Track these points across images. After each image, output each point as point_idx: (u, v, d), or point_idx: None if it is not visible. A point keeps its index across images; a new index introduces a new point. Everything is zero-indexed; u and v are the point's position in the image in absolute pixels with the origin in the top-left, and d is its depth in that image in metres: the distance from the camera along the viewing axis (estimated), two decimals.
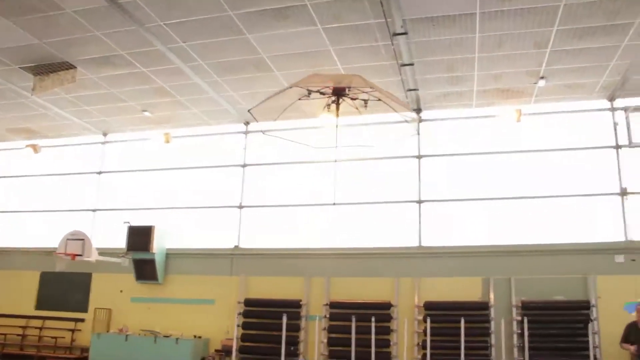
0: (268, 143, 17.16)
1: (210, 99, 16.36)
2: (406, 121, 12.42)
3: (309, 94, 10.08)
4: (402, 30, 12.29)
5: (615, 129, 15.53)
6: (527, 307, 14.81)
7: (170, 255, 17.85)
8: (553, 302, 14.75)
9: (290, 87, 10.36)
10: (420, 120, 16.36)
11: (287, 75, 14.41)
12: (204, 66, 14.35)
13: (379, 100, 10.27)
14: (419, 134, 16.17)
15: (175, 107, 17.11)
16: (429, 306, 15.36)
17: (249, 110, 11.46)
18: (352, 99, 10.26)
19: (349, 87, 10.08)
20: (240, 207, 17.65)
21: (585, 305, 14.53)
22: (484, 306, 15.03)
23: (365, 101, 10.39)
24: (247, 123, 18.17)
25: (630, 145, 15.37)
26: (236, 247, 17.37)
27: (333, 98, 10.17)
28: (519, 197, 15.70)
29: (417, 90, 15.23)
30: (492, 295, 15.01)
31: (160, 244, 17.66)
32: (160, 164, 18.95)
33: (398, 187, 16.51)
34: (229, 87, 15.54)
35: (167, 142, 18.47)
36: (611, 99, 15.57)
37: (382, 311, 15.52)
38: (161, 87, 15.66)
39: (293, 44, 13.22)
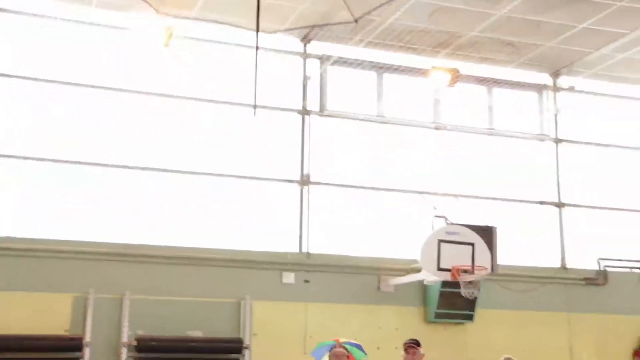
0: None
1: None
2: None
3: None
4: None
5: (304, 86, 11.22)
6: (146, 348, 9.80)
7: None
8: (186, 340, 10.07)
9: None
10: None
11: None
12: None
13: None
14: None
15: None
16: None
17: None
18: None
19: None
20: None
21: (235, 347, 10.17)
22: (73, 344, 9.50)
23: None
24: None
25: (322, 112, 11.23)
26: None
27: None
28: (137, 168, 10.60)
29: None
30: (89, 326, 9.64)
31: None
32: None
33: None
34: None
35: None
36: (307, 40, 11.27)
37: None
38: None
39: None
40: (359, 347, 8.16)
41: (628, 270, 12.38)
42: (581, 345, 11.64)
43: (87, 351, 9.53)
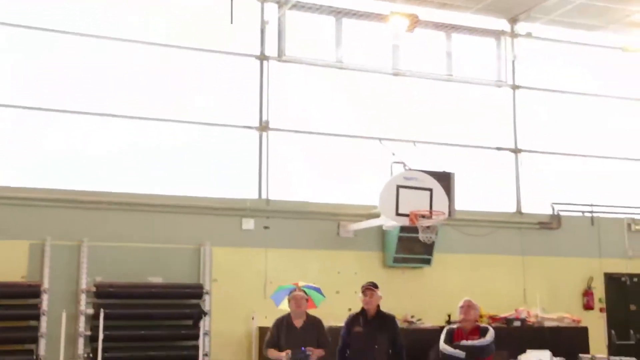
0: None
1: None
2: None
3: None
4: None
5: (262, 31, 11.09)
6: (104, 294, 9.79)
7: None
8: (146, 286, 10.09)
9: None
10: None
11: None
12: None
13: None
14: None
15: None
16: None
17: None
18: None
19: None
20: None
21: (196, 292, 10.25)
22: (31, 291, 9.47)
23: None
24: None
25: (280, 58, 11.18)
26: None
27: None
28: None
29: None
30: (46, 273, 9.58)
31: None
32: None
33: None
34: None
35: None
36: None
37: None
38: None
39: None
40: (317, 290, 8.28)
41: (580, 214, 12.71)
42: (535, 287, 11.94)
43: (45, 297, 9.45)
